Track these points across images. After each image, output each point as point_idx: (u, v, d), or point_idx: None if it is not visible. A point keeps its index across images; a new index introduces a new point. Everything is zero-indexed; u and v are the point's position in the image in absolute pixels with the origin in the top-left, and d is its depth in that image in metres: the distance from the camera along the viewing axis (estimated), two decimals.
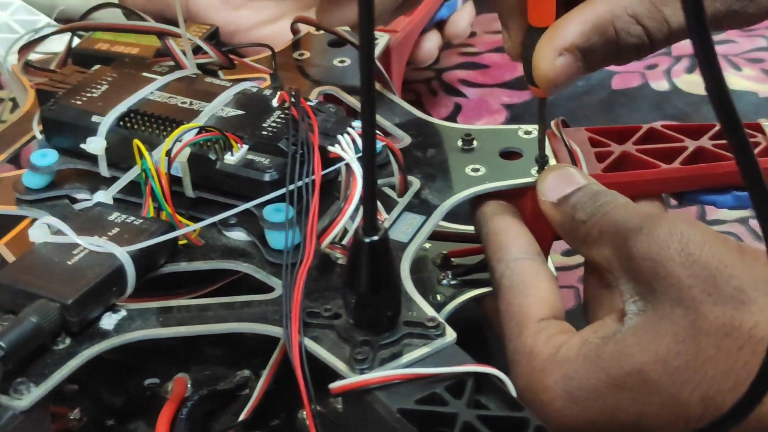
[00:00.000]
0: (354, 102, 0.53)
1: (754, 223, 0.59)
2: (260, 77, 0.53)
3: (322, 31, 0.57)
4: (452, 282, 0.51)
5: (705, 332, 0.39)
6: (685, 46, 0.74)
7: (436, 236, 0.51)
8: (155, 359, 0.46)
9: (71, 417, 0.45)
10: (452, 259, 0.52)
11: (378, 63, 0.55)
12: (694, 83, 0.71)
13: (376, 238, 0.37)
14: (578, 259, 0.50)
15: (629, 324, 0.41)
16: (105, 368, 0.45)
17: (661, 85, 0.71)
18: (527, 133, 0.50)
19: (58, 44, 0.55)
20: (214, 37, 0.55)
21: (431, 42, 0.65)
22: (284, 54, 0.57)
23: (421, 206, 0.46)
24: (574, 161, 0.48)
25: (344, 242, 0.43)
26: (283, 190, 0.42)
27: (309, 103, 0.46)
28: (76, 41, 0.56)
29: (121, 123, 0.46)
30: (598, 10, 0.44)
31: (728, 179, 0.48)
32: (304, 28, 0.58)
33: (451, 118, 0.68)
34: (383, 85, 0.54)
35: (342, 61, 0.56)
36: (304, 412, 0.44)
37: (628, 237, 0.42)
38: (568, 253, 0.57)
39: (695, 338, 0.40)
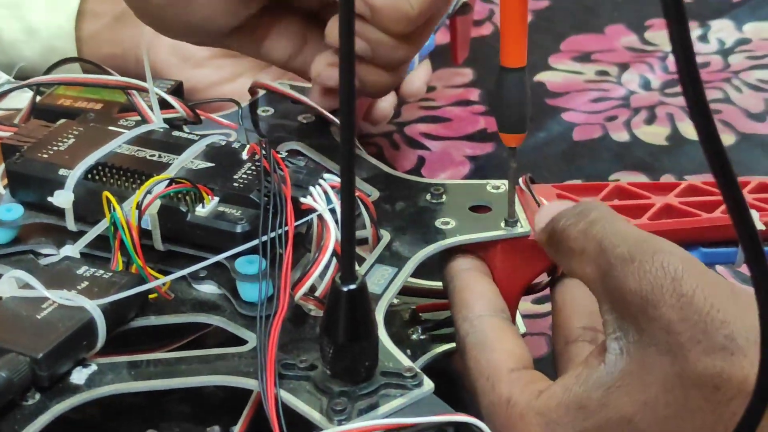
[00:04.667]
0: (319, 158, 0.54)
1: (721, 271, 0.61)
2: (226, 132, 0.54)
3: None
4: (421, 337, 0.51)
5: (693, 383, 0.39)
6: (643, 98, 0.77)
7: (404, 291, 0.51)
8: (121, 417, 0.47)
9: None
10: (421, 314, 0.53)
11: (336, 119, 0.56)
12: (653, 134, 0.73)
13: (353, 286, 0.39)
14: (548, 307, 0.51)
15: (614, 369, 0.41)
16: (69, 429, 0.45)
17: (621, 136, 0.73)
18: (495, 187, 0.51)
19: (18, 101, 0.56)
20: (178, 92, 0.55)
21: (386, 102, 0.66)
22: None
23: (393, 258, 0.47)
24: None
25: (317, 294, 0.44)
26: (255, 242, 0.43)
27: (279, 155, 0.47)
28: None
29: (89, 176, 0.46)
30: None
31: (696, 235, 0.50)
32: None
33: (415, 170, 0.69)
34: None
35: (306, 118, 0.57)
36: None
37: (616, 264, 0.42)
38: (538, 301, 0.58)
39: (684, 388, 0.40)
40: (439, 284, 0.52)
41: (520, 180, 0.51)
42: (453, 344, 0.50)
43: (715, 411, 0.39)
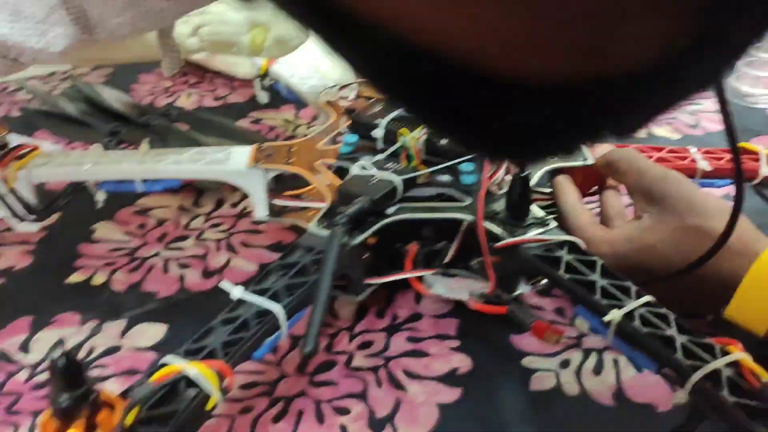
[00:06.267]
0: None
1: None
2: None
3: None
4: None
5: (687, 230, 0.49)
6: None
7: None
8: (400, 236, 0.56)
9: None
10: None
11: None
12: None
13: (524, 174, 0.54)
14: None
15: (645, 223, 0.51)
16: (379, 239, 0.54)
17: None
18: None
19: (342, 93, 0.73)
20: None
21: None
22: None
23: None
24: None
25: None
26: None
27: None
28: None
29: (390, 122, 0.62)
30: None
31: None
32: None
33: None
34: None
35: None
36: (477, 261, 0.54)
37: (652, 179, 0.52)
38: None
39: (683, 230, 0.49)
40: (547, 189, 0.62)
41: None
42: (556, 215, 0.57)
43: (697, 242, 0.48)
